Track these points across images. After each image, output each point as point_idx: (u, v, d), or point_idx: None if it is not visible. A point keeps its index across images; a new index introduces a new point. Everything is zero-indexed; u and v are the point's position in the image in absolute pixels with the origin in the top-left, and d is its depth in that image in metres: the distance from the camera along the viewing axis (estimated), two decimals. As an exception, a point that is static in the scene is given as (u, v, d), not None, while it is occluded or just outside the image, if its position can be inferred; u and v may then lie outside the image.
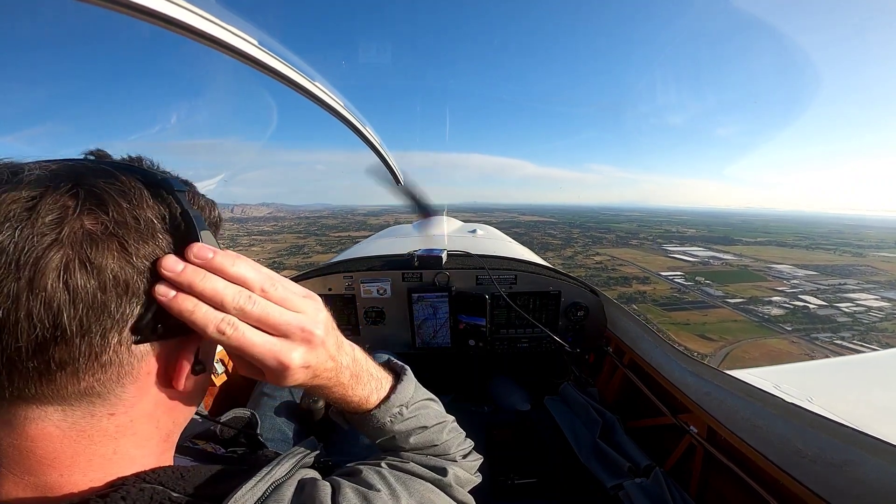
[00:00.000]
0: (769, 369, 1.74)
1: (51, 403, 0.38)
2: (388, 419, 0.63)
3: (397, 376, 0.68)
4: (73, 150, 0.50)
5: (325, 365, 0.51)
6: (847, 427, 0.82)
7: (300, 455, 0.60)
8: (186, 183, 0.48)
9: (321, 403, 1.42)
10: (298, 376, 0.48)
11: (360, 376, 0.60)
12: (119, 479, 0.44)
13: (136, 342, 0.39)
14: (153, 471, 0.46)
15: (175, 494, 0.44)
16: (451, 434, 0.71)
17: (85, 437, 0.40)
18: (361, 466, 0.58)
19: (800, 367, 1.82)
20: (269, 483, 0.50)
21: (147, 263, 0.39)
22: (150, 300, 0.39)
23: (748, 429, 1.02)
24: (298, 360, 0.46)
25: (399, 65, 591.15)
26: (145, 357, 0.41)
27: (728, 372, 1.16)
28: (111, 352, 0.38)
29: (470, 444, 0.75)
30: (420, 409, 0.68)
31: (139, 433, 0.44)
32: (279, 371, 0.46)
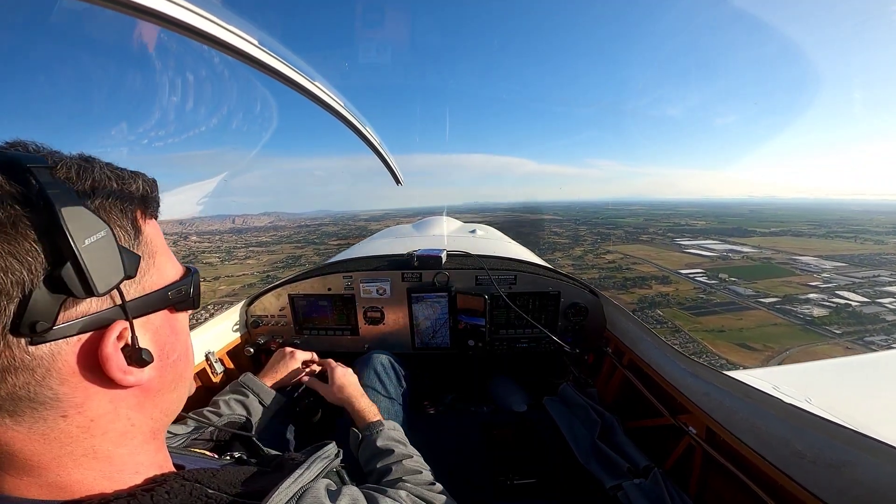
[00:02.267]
0: (769, 370, 1.74)
1: None
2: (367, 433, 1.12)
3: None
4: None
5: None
6: (846, 428, 0.82)
7: (327, 460, 0.66)
8: (85, 157, 0.43)
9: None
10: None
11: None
12: (161, 475, 0.46)
13: (31, 343, 0.36)
14: (188, 470, 0.48)
15: (211, 491, 0.46)
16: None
17: (52, 440, 0.39)
18: (385, 488, 0.73)
19: (799, 367, 1.82)
20: (300, 486, 0.53)
21: (12, 260, 0.34)
22: (24, 297, 0.35)
23: (747, 429, 1.02)
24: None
25: (399, 65, 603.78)
26: (58, 356, 0.38)
27: (727, 373, 1.16)
28: (3, 357, 0.35)
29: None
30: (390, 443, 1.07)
31: (111, 431, 0.43)
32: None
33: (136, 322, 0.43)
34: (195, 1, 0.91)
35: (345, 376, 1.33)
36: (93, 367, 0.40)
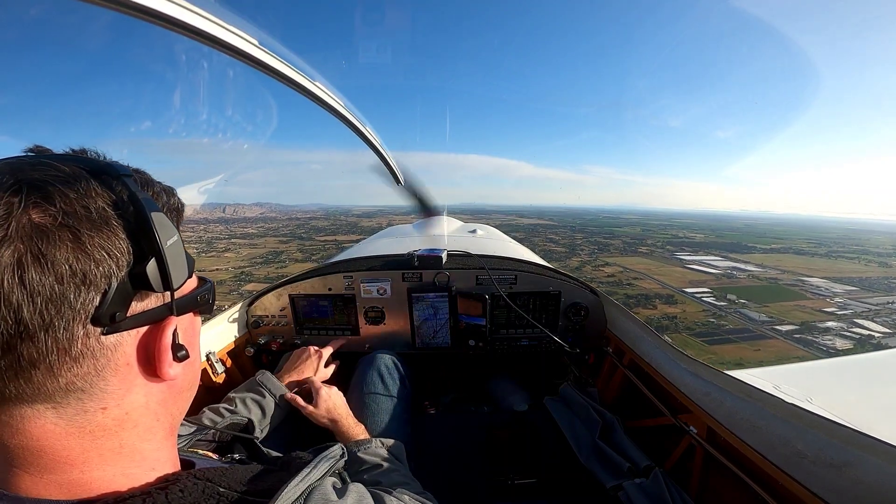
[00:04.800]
0: (769, 369, 1.74)
1: (41, 402, 0.38)
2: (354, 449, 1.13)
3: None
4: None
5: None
6: (847, 428, 0.82)
7: (332, 460, 0.66)
8: (138, 170, 0.47)
9: None
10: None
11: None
12: (173, 474, 0.48)
13: (104, 333, 0.39)
14: (199, 468, 0.49)
15: (222, 489, 0.47)
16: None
17: (86, 433, 0.41)
18: (390, 489, 0.75)
19: (800, 367, 1.82)
20: (308, 484, 0.54)
21: (103, 252, 0.38)
22: (108, 289, 0.38)
23: (748, 429, 1.02)
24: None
25: (399, 64, 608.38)
26: (119, 347, 0.41)
27: (728, 372, 1.16)
28: (80, 344, 0.37)
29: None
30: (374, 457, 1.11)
31: (140, 425, 0.45)
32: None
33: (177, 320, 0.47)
34: (195, 1, 0.91)
35: (330, 398, 1.33)
36: (144, 359, 0.44)
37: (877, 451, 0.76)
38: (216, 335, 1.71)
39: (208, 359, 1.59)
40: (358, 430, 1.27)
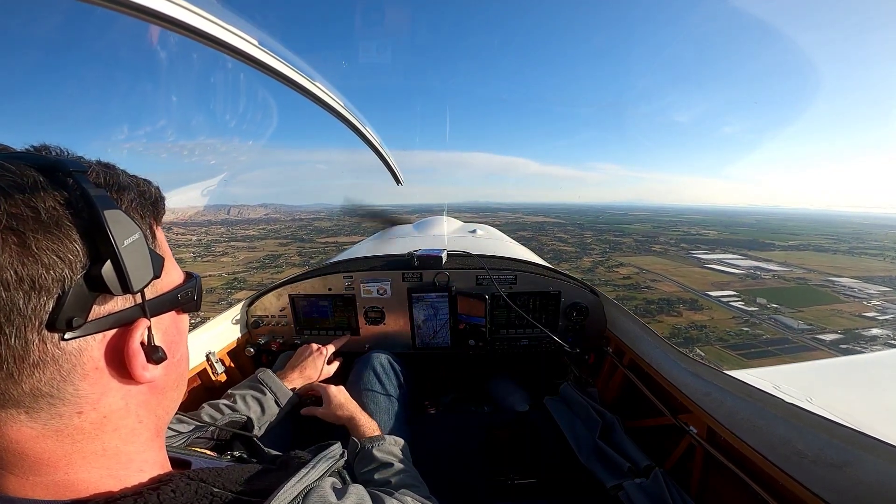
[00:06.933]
0: (769, 369, 1.74)
1: (11, 407, 0.37)
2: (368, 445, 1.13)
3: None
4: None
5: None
6: (847, 428, 0.82)
7: (331, 461, 0.66)
8: (106, 165, 0.45)
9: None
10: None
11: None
12: (165, 474, 0.47)
13: (64, 338, 0.37)
14: (193, 469, 0.49)
15: (216, 490, 0.46)
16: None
17: (65, 437, 0.40)
18: (392, 490, 0.75)
19: (800, 367, 1.82)
20: (305, 485, 0.54)
21: (53, 256, 0.35)
22: (63, 294, 0.36)
23: (748, 429, 1.02)
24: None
25: (399, 64, 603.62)
26: (84, 352, 0.39)
27: (728, 372, 1.16)
28: (37, 351, 0.36)
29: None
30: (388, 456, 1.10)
31: (121, 428, 0.44)
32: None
33: (151, 321, 0.45)
34: (195, 1, 0.91)
35: (340, 393, 1.35)
36: (114, 363, 0.42)
37: (877, 451, 0.76)
38: (216, 335, 1.71)
39: (208, 359, 1.59)
40: (373, 426, 1.27)
